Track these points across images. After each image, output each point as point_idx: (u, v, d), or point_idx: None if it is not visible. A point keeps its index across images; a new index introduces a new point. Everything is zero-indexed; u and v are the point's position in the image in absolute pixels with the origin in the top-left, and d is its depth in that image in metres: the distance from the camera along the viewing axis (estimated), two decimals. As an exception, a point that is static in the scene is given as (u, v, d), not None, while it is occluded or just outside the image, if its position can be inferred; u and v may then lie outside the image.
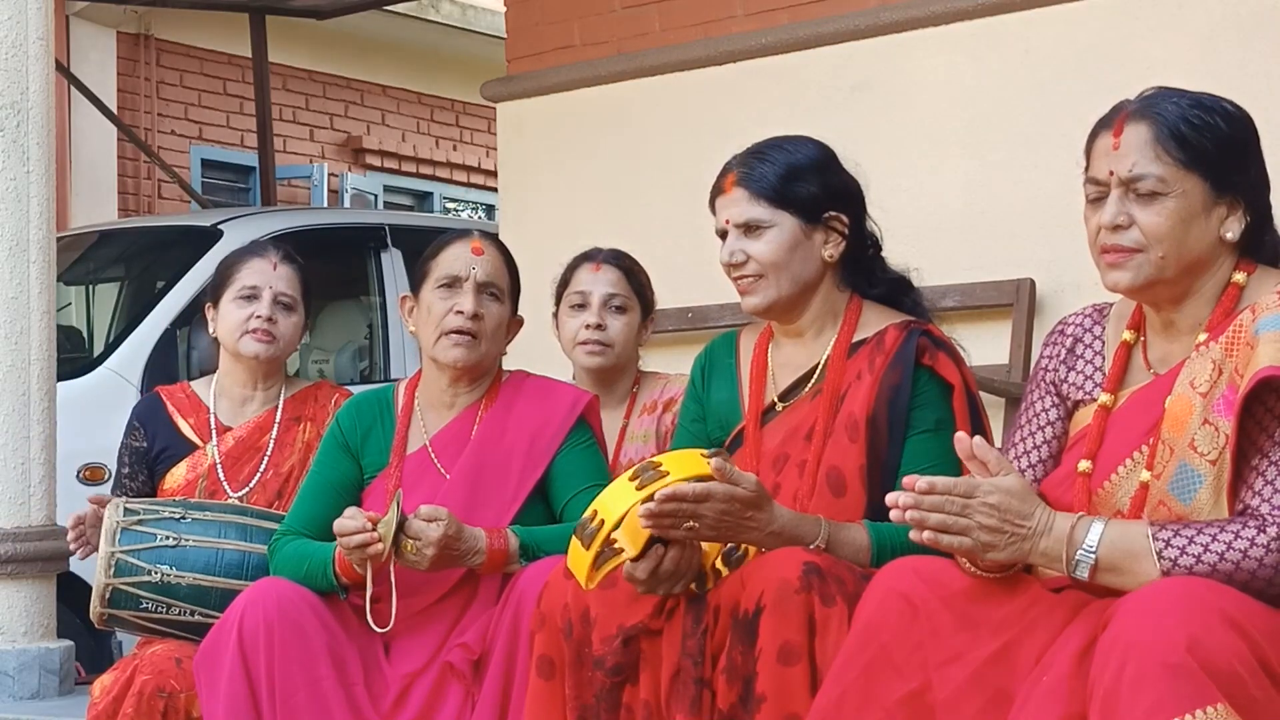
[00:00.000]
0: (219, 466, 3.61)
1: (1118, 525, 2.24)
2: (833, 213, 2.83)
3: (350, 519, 3.01)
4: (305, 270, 3.72)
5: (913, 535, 2.25)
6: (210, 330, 3.71)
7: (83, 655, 4.56)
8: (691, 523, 2.53)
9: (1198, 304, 2.38)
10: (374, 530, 2.98)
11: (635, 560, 2.59)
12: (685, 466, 2.56)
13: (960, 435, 2.30)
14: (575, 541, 2.60)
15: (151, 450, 3.67)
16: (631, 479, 2.56)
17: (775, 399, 2.87)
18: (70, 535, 3.67)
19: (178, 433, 3.67)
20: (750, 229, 2.81)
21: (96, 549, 3.61)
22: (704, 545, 2.63)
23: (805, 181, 2.81)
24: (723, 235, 2.86)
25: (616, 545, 2.60)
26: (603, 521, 2.55)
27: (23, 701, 4.21)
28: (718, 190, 2.88)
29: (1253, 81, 4.09)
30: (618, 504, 2.55)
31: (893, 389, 2.74)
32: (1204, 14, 4.37)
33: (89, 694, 3.40)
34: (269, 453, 3.63)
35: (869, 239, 2.91)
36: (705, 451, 2.60)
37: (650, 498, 2.53)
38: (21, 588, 4.31)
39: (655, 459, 2.59)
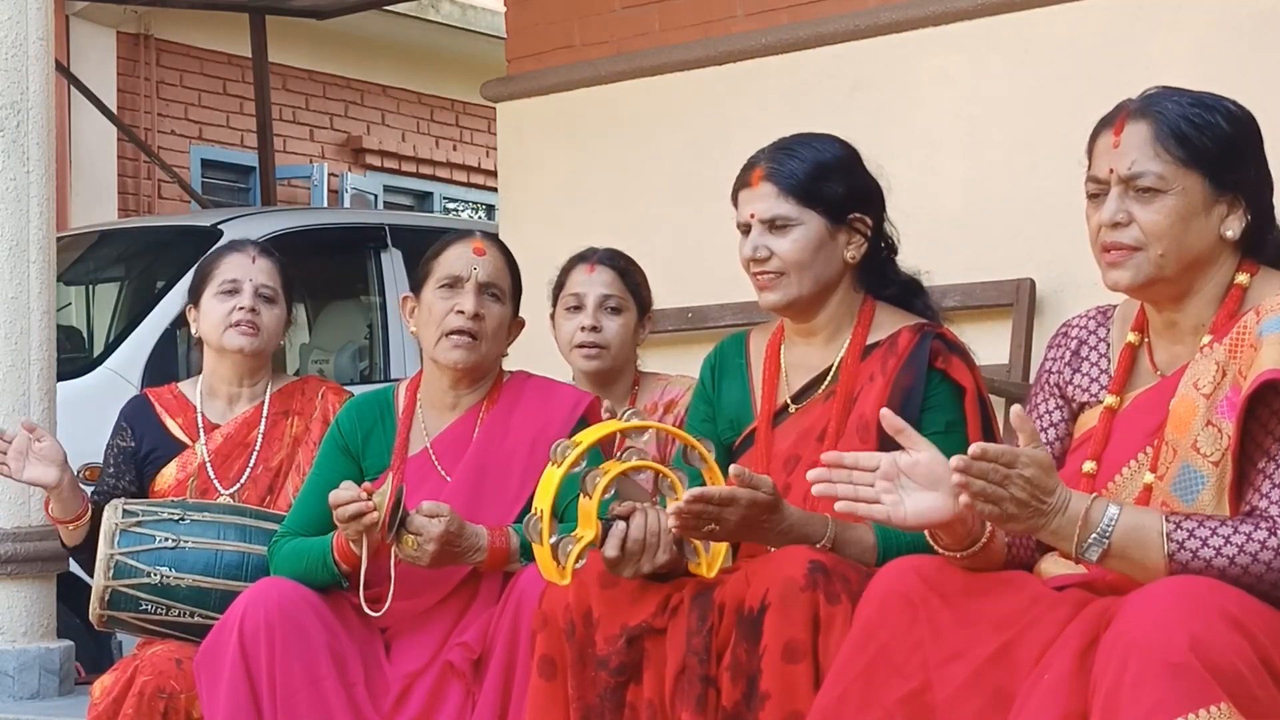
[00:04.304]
0: (208, 465, 3.61)
1: (1133, 513, 2.23)
2: (857, 214, 2.83)
3: (345, 489, 3.00)
4: (285, 264, 3.72)
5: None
6: (193, 330, 3.70)
7: (83, 655, 4.57)
8: (713, 526, 2.54)
9: (1199, 304, 2.38)
10: (369, 500, 2.97)
11: (601, 546, 2.63)
12: (593, 431, 2.67)
13: (885, 411, 2.30)
14: (534, 546, 2.64)
15: (140, 451, 3.66)
16: (551, 462, 2.65)
17: (788, 400, 2.87)
18: None
19: (166, 433, 3.66)
20: (776, 225, 2.79)
21: (11, 473, 3.57)
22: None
23: (833, 181, 2.80)
24: (744, 229, 2.83)
25: (577, 534, 2.65)
26: (541, 511, 2.62)
27: (23, 701, 4.21)
28: (743, 183, 2.85)
29: (1253, 81, 4.08)
30: (545, 488, 2.64)
31: (905, 391, 2.74)
32: (1204, 14, 4.37)
33: (89, 694, 3.40)
34: (258, 448, 3.63)
35: (885, 240, 2.91)
36: (620, 418, 2.68)
37: (574, 465, 2.62)
38: (21, 588, 4.31)
39: (572, 438, 2.67)
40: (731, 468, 2.57)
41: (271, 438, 3.63)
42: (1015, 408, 2.29)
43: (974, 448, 2.18)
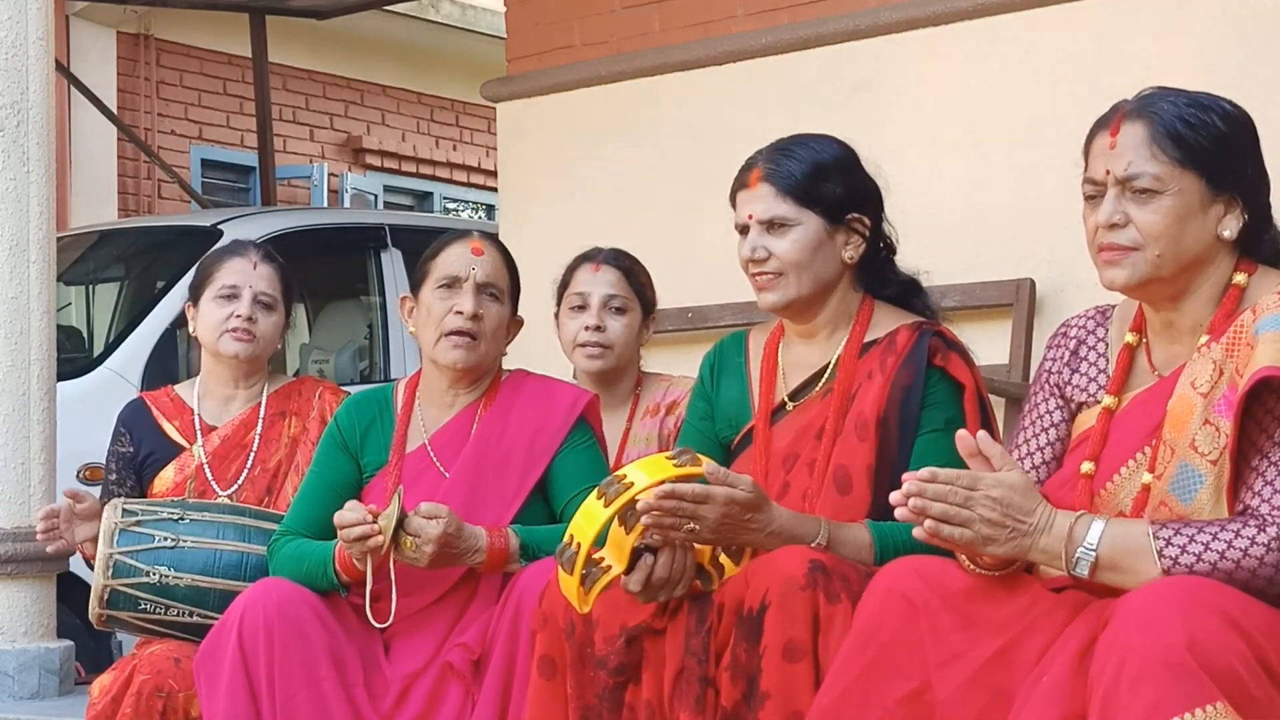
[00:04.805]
0: (206, 467, 3.61)
1: (1118, 524, 2.24)
2: (855, 214, 2.83)
3: (350, 510, 3.00)
4: (286, 269, 3.72)
5: (915, 533, 2.24)
6: (191, 329, 3.71)
7: (83, 655, 4.56)
8: (692, 525, 2.53)
9: (1197, 304, 2.38)
10: (374, 523, 2.97)
11: (626, 574, 2.60)
12: (649, 472, 2.55)
13: (962, 433, 2.29)
14: (560, 569, 2.60)
15: (138, 455, 3.67)
16: (598, 497, 2.56)
17: (785, 398, 2.87)
18: (40, 527, 3.67)
19: (163, 436, 3.67)
20: (774, 226, 2.79)
21: (68, 544, 3.63)
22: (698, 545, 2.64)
23: (831, 182, 2.80)
24: (743, 230, 2.83)
25: (604, 564, 2.61)
26: (579, 544, 2.56)
27: (23, 701, 4.21)
28: (741, 184, 2.85)
29: (1252, 82, 4.09)
30: (589, 524, 2.55)
31: (904, 390, 2.74)
32: (1204, 14, 4.37)
33: (88, 694, 3.40)
34: (255, 449, 3.63)
35: (884, 240, 2.91)
36: (670, 454, 2.59)
37: (626, 505, 2.53)
38: (21, 588, 4.31)
39: (619, 472, 2.58)
40: (705, 464, 2.55)
41: (269, 438, 3.63)
42: (981, 434, 2.29)
43: (924, 472, 2.18)
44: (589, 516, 2.56)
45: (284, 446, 3.63)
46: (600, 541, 2.62)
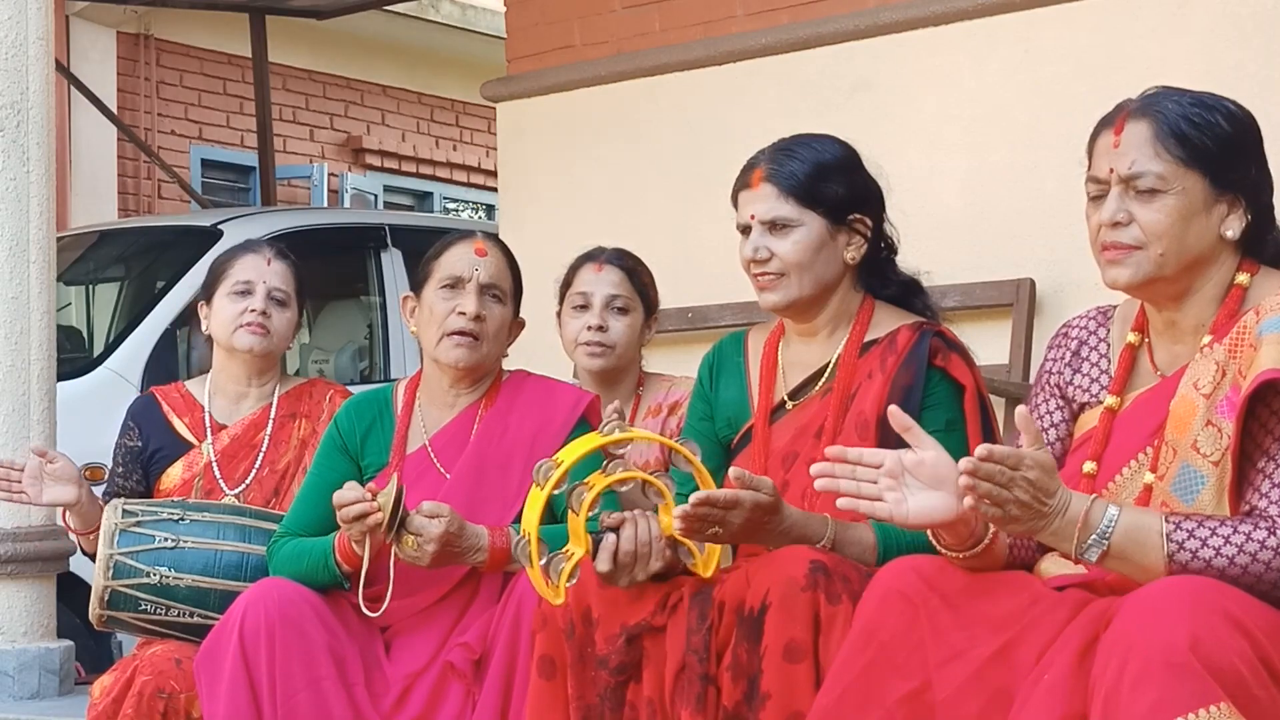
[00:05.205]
0: (214, 465, 3.61)
1: (1132, 513, 2.23)
2: (857, 215, 2.83)
3: (349, 489, 3.00)
4: (299, 268, 3.72)
5: (842, 501, 2.28)
6: (204, 328, 3.71)
7: (83, 655, 4.56)
8: (717, 529, 2.54)
9: (1199, 304, 2.38)
10: (373, 500, 2.97)
11: (593, 558, 2.63)
12: (575, 448, 2.66)
13: (893, 409, 2.29)
14: (525, 566, 2.65)
15: (146, 450, 3.67)
16: (534, 484, 2.64)
17: (785, 397, 2.87)
18: None
19: (173, 432, 3.67)
20: (776, 226, 2.79)
21: (31, 500, 3.60)
22: (661, 515, 2.67)
23: (833, 182, 2.80)
24: (745, 230, 2.84)
25: (569, 552, 2.64)
26: (528, 534, 2.61)
27: (23, 701, 4.21)
28: (743, 184, 2.85)
29: (1251, 82, 4.09)
30: (531, 511, 2.63)
31: (904, 389, 2.74)
32: (1204, 14, 4.37)
33: (89, 694, 3.40)
34: (264, 449, 3.63)
35: (885, 241, 2.91)
36: (600, 431, 2.66)
37: (557, 485, 2.63)
38: (21, 588, 4.31)
39: (555, 456, 2.66)
40: (731, 470, 2.57)
41: (278, 439, 3.64)
42: (1020, 408, 2.28)
43: (980, 449, 2.17)
44: (530, 503, 2.64)
45: (293, 448, 3.63)
46: (563, 536, 2.66)
